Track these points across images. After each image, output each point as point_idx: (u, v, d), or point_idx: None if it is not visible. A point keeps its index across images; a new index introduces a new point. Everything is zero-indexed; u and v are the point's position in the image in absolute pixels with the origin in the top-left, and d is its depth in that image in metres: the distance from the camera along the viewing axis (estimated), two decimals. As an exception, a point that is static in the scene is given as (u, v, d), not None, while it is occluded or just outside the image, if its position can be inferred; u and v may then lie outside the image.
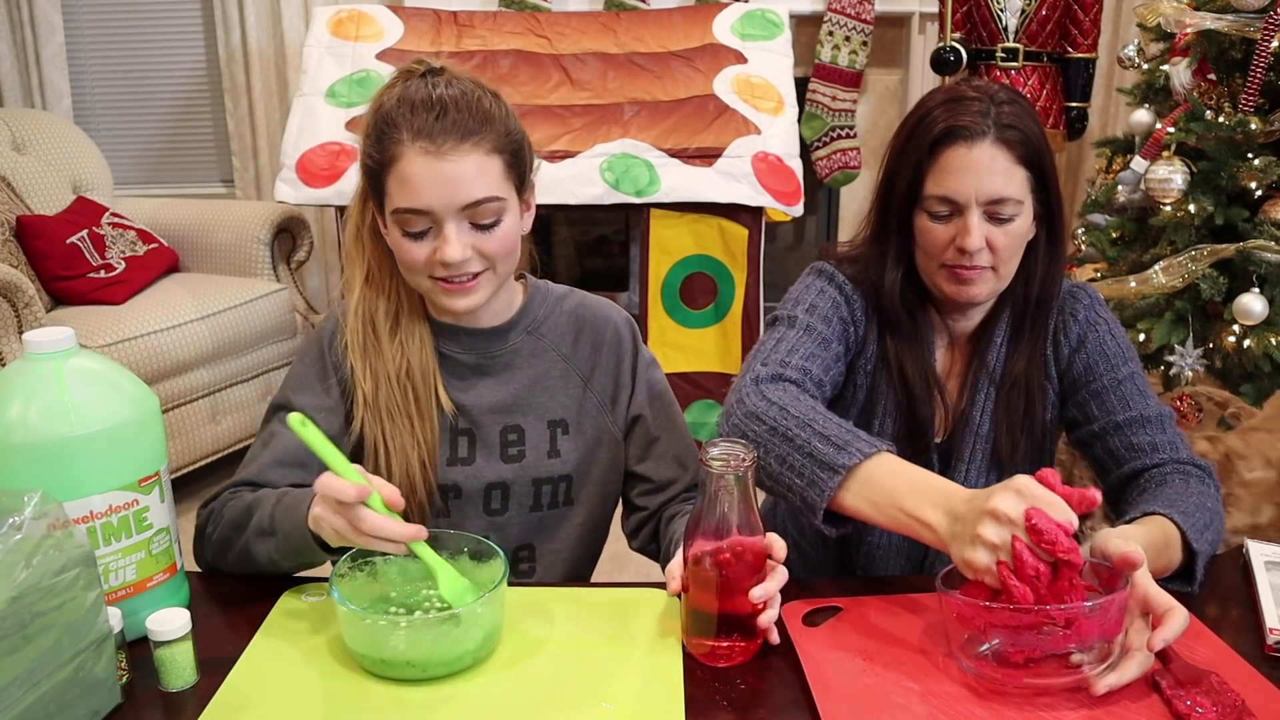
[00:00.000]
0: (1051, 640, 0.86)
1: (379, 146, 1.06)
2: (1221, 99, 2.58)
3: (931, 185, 1.13)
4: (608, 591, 1.06)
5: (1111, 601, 0.84)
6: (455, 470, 1.18)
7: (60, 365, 0.91)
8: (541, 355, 1.21)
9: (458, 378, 1.18)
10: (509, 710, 0.86)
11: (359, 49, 2.92)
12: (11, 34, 3.56)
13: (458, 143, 1.04)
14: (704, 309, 2.80)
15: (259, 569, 1.06)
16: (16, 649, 0.77)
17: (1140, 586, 0.88)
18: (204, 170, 3.87)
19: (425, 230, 1.06)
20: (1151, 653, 0.85)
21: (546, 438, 1.20)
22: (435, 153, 1.03)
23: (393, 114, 1.06)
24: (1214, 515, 1.06)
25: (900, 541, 1.25)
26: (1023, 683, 0.86)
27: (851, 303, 1.22)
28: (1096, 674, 0.85)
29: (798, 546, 1.37)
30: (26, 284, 2.45)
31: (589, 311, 1.25)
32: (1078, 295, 1.24)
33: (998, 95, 1.13)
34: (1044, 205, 1.16)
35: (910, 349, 1.21)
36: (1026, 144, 1.12)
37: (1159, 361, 2.62)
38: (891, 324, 1.22)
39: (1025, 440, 1.22)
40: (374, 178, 1.08)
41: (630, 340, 1.25)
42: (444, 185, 1.04)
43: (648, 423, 1.23)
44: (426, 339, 1.17)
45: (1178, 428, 1.18)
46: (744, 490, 0.91)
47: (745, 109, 2.81)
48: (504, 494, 1.19)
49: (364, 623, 0.89)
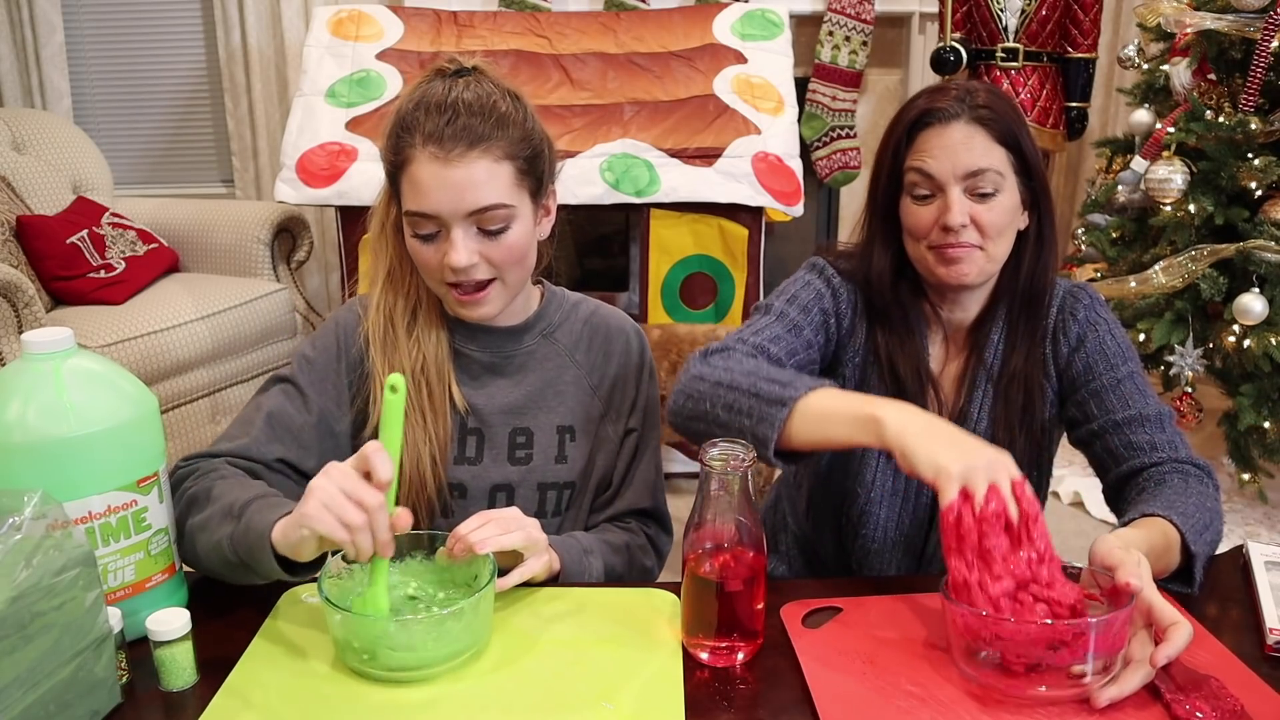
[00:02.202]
0: (1054, 653, 0.85)
1: (394, 148, 1.07)
2: (1221, 99, 2.58)
3: (910, 165, 1.16)
4: (607, 591, 1.06)
5: (1116, 618, 0.84)
6: (462, 469, 1.18)
7: (59, 365, 0.90)
8: (554, 359, 1.22)
9: (471, 376, 1.19)
10: (509, 710, 0.86)
11: (359, 49, 2.92)
12: (11, 34, 3.56)
13: (466, 149, 1.04)
14: (704, 309, 2.80)
15: (204, 555, 1.00)
16: (16, 649, 0.77)
17: (1144, 598, 0.87)
18: (204, 170, 3.87)
19: (434, 234, 1.07)
20: (1155, 668, 0.85)
21: (555, 443, 1.21)
22: (443, 158, 1.04)
23: (408, 115, 1.06)
24: (1213, 515, 1.06)
25: (897, 534, 1.26)
26: (1024, 694, 0.85)
27: (838, 296, 1.23)
28: (1099, 686, 0.84)
29: (797, 541, 1.37)
30: (26, 284, 2.45)
31: (602, 320, 1.25)
32: (1078, 295, 1.24)
33: (975, 87, 1.17)
34: (1030, 192, 1.18)
35: (902, 343, 1.22)
36: (1002, 125, 1.14)
37: (1159, 361, 2.62)
38: (882, 316, 1.23)
39: (1024, 437, 1.22)
40: (391, 178, 1.10)
41: (639, 352, 1.26)
42: (450, 191, 1.04)
43: (636, 437, 1.25)
44: (443, 336, 1.17)
45: (1177, 427, 1.18)
46: (743, 490, 0.91)
47: (745, 109, 2.81)
48: (509, 497, 1.19)
49: (343, 620, 0.89)
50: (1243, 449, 2.55)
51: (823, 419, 1.00)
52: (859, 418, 0.97)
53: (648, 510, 1.25)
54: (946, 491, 0.89)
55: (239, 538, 0.96)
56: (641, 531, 1.24)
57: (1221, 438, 2.61)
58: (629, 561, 1.18)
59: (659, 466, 1.28)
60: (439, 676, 0.90)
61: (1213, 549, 1.05)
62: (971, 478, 0.89)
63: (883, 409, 0.97)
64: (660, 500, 1.27)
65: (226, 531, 0.98)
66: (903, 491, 1.24)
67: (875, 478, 1.24)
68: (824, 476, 1.29)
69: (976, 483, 0.89)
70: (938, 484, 0.90)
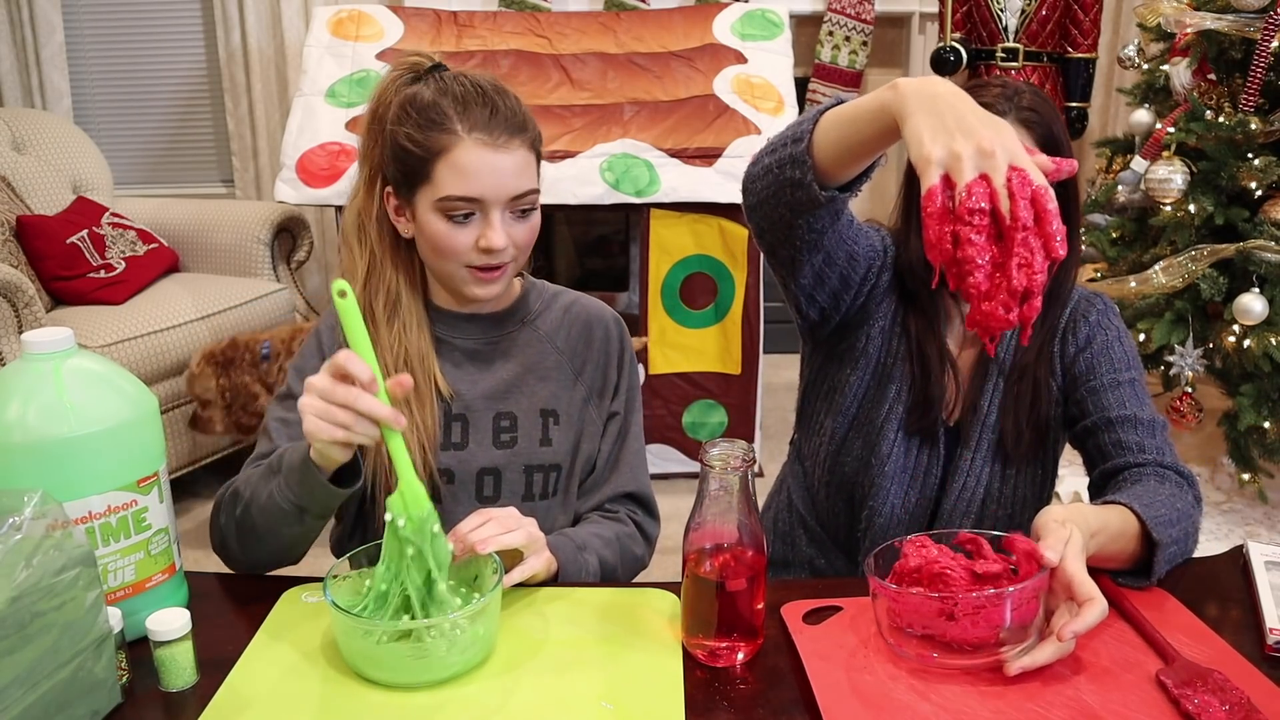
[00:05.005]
0: (965, 626, 0.87)
1: (427, 135, 1.09)
2: (1221, 99, 2.58)
3: None
4: (607, 591, 1.06)
5: (1024, 589, 0.86)
6: (448, 455, 1.19)
7: (59, 365, 0.90)
8: (535, 344, 1.24)
9: (453, 363, 1.20)
10: (509, 710, 0.86)
11: (359, 49, 2.92)
12: (11, 34, 3.56)
13: (510, 137, 1.10)
14: (704, 309, 2.80)
15: (262, 524, 1.04)
16: (16, 649, 0.77)
17: (1067, 573, 0.88)
18: (204, 170, 3.88)
19: (469, 215, 1.10)
20: (1062, 641, 0.86)
21: (539, 425, 1.22)
22: (491, 144, 1.08)
23: (439, 105, 1.09)
24: (1182, 515, 1.06)
25: (903, 511, 1.27)
26: (945, 663, 0.88)
27: (886, 249, 1.27)
28: (1011, 655, 0.87)
29: (804, 525, 1.36)
30: (26, 284, 2.45)
31: (582, 309, 1.28)
32: (1093, 301, 1.26)
33: (1021, 86, 1.18)
34: (1060, 198, 1.17)
35: (928, 325, 1.24)
36: (1045, 129, 1.16)
37: (1159, 361, 2.62)
38: (913, 297, 1.25)
39: (1030, 432, 1.23)
40: (416, 166, 1.10)
41: (619, 338, 1.28)
42: (498, 175, 1.09)
43: (619, 421, 1.27)
44: (424, 325, 1.19)
45: (1170, 438, 1.19)
46: (743, 489, 0.91)
47: (745, 109, 2.81)
48: (496, 481, 1.21)
49: (355, 626, 0.89)
50: (1243, 449, 2.55)
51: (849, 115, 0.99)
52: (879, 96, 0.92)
53: (634, 494, 1.27)
54: (924, 177, 0.82)
55: (286, 479, 1.01)
56: (630, 519, 1.26)
57: (1221, 438, 2.61)
58: (621, 553, 1.21)
59: (641, 451, 1.30)
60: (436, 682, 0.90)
61: (1181, 547, 1.05)
62: (954, 165, 0.81)
63: (901, 82, 0.90)
64: (645, 485, 1.28)
65: (274, 485, 1.03)
66: (912, 468, 1.26)
67: (891, 451, 1.25)
68: (840, 445, 1.30)
69: (961, 171, 0.80)
70: (918, 167, 0.83)
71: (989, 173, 0.80)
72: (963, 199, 0.80)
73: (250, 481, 1.07)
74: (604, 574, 1.15)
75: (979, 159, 0.81)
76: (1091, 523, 0.96)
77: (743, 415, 2.86)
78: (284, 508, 1.02)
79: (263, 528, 1.05)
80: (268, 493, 1.03)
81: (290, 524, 1.04)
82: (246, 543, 1.07)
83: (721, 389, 2.84)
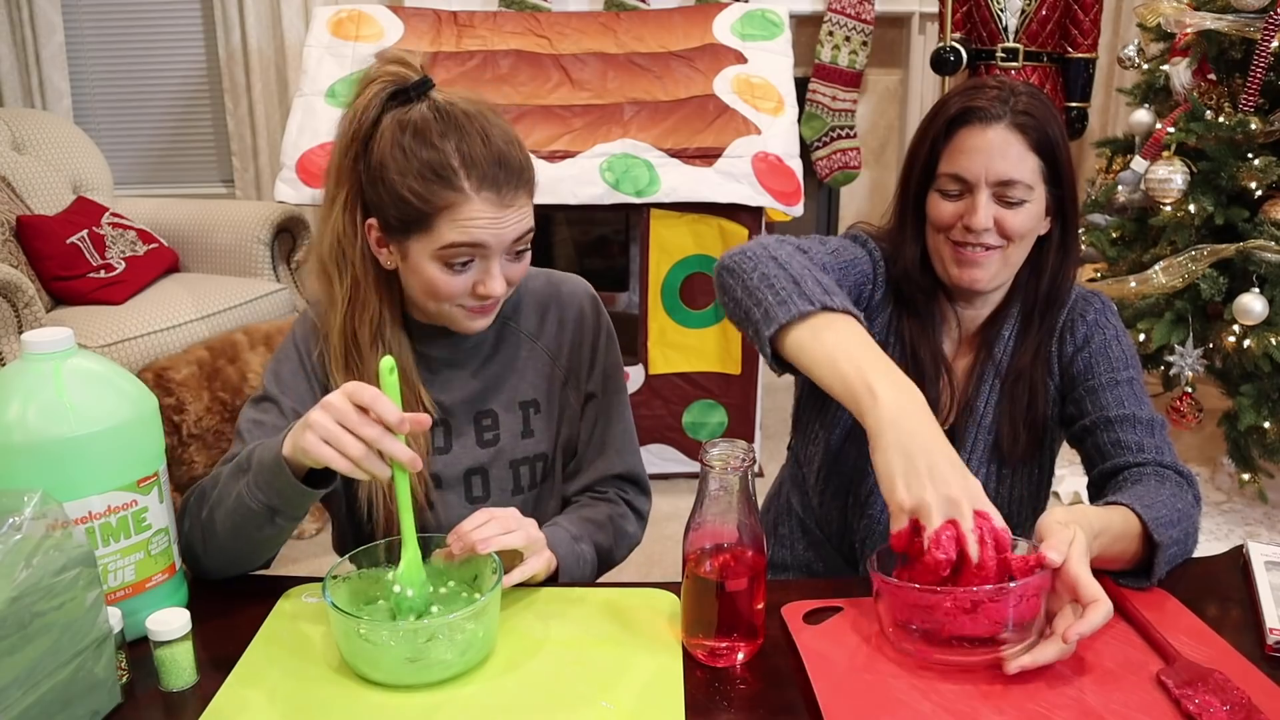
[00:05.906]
0: (966, 623, 0.87)
1: (431, 190, 1.04)
2: (1221, 99, 2.58)
3: (945, 164, 1.17)
4: (607, 591, 1.06)
5: (1026, 586, 0.86)
6: (434, 459, 1.19)
7: (59, 366, 0.90)
8: (509, 340, 1.23)
9: (431, 373, 1.20)
10: (509, 711, 0.86)
11: (359, 49, 2.92)
12: (11, 34, 3.56)
13: (515, 190, 1.07)
14: (704, 309, 2.80)
15: (231, 525, 1.00)
16: (16, 649, 0.77)
17: (1072, 574, 0.88)
18: (204, 170, 3.88)
19: (468, 263, 1.08)
20: (1067, 643, 0.86)
21: (519, 419, 1.22)
22: (499, 201, 1.06)
23: (446, 163, 1.04)
24: (1182, 515, 1.06)
25: None
26: (945, 659, 0.88)
27: (876, 267, 1.26)
28: (1011, 654, 0.87)
29: (803, 528, 1.36)
30: (26, 284, 2.45)
31: (555, 289, 1.26)
32: (1090, 300, 1.26)
33: (1018, 87, 1.17)
34: (1058, 200, 1.19)
35: (923, 330, 1.24)
36: (1041, 132, 1.15)
37: (1159, 361, 2.62)
38: (909, 303, 1.25)
39: (1026, 434, 1.23)
40: (416, 217, 1.06)
41: (594, 315, 1.27)
42: (503, 228, 1.07)
43: (598, 403, 1.26)
44: (405, 343, 1.17)
45: (1169, 437, 1.19)
46: (743, 489, 0.91)
47: (745, 109, 2.81)
48: (484, 479, 1.21)
49: (354, 628, 0.89)
50: (1243, 449, 2.55)
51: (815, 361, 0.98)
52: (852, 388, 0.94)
53: (623, 475, 1.27)
54: (895, 521, 0.89)
55: (256, 478, 0.98)
56: (620, 498, 1.26)
57: (1221, 438, 2.61)
58: (615, 534, 1.21)
59: (628, 429, 1.29)
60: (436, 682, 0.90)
61: (1181, 548, 1.05)
62: (923, 512, 0.88)
63: (883, 388, 0.93)
64: (634, 462, 1.28)
65: (241, 484, 0.99)
66: None
67: None
68: (837, 452, 1.29)
69: (930, 518, 0.87)
70: (889, 507, 0.90)
71: (956, 519, 0.87)
72: (930, 547, 0.87)
73: (218, 480, 1.04)
74: (600, 557, 1.16)
75: (947, 506, 0.87)
76: (1094, 524, 0.96)
77: (743, 415, 2.86)
78: (253, 508, 0.98)
79: (231, 529, 1.01)
80: (236, 493, 0.99)
81: (259, 525, 0.99)
82: (211, 545, 1.03)
83: (721, 389, 2.85)
